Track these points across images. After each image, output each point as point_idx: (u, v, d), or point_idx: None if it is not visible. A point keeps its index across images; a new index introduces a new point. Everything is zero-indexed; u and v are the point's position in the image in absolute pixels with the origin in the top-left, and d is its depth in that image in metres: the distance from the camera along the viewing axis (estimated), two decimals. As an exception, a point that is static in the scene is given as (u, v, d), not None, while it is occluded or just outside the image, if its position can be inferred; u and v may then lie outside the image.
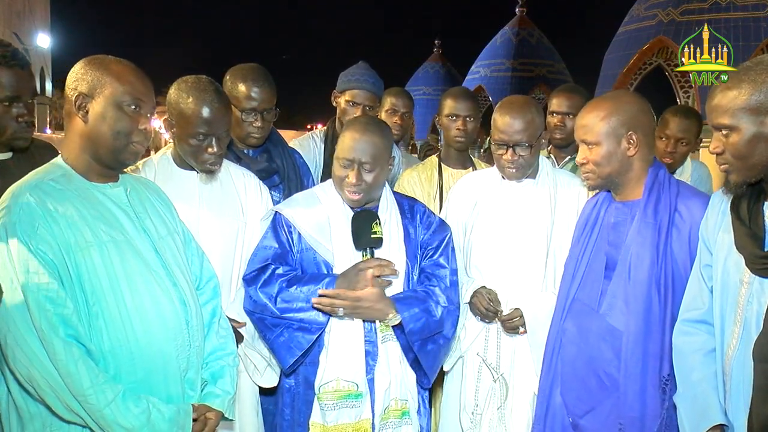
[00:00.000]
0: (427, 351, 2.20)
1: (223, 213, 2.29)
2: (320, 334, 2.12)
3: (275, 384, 2.31)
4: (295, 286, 2.11)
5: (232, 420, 1.92)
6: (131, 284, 1.66)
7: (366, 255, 2.12)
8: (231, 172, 2.38)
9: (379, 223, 2.14)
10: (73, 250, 1.59)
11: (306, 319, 2.09)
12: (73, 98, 1.66)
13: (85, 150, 1.69)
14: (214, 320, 1.93)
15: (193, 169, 2.27)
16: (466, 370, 2.46)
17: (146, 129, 1.72)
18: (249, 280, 2.16)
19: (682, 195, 2.04)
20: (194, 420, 1.76)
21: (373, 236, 2.11)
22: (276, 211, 2.25)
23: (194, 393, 1.79)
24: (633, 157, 2.06)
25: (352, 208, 2.21)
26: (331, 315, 2.09)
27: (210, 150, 2.17)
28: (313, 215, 2.20)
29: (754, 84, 1.63)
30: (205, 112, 2.14)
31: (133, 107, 1.69)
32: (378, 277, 2.07)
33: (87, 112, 1.66)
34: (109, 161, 1.73)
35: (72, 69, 1.71)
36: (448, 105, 3.01)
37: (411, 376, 2.19)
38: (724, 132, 1.69)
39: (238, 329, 2.23)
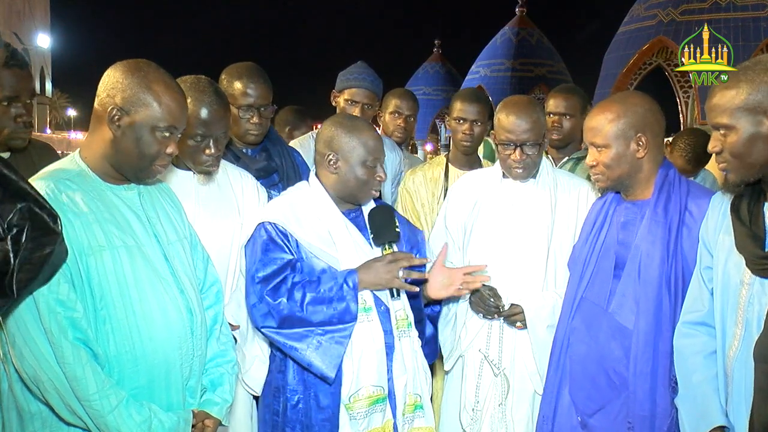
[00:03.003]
0: (429, 331, 2.28)
1: (220, 214, 2.28)
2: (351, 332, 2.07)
3: (258, 394, 2.26)
4: (318, 289, 2.05)
5: (226, 426, 1.90)
6: (140, 290, 1.64)
7: (387, 249, 2.10)
8: (228, 172, 2.37)
9: (396, 217, 2.16)
10: (85, 253, 1.58)
11: (338, 318, 2.02)
12: (109, 109, 1.62)
13: (108, 157, 1.68)
14: (216, 326, 1.91)
15: (190, 169, 2.25)
16: (466, 369, 2.45)
17: (172, 152, 1.71)
18: (270, 295, 2.05)
19: (693, 194, 2.03)
20: (192, 426, 1.75)
21: (396, 230, 2.12)
22: (264, 222, 2.13)
23: (194, 401, 1.78)
24: (642, 159, 2.05)
25: (342, 212, 2.17)
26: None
27: (208, 151, 2.15)
28: (306, 221, 2.14)
29: (752, 84, 1.63)
30: (204, 113, 2.12)
31: (166, 134, 1.67)
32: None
33: (119, 126, 1.64)
34: (129, 175, 1.73)
35: (111, 71, 1.65)
36: (457, 108, 3.00)
37: (421, 368, 2.18)
38: (722, 131, 1.69)
39: (232, 332, 2.21)
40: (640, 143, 2.03)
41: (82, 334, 1.55)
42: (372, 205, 2.25)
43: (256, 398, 2.35)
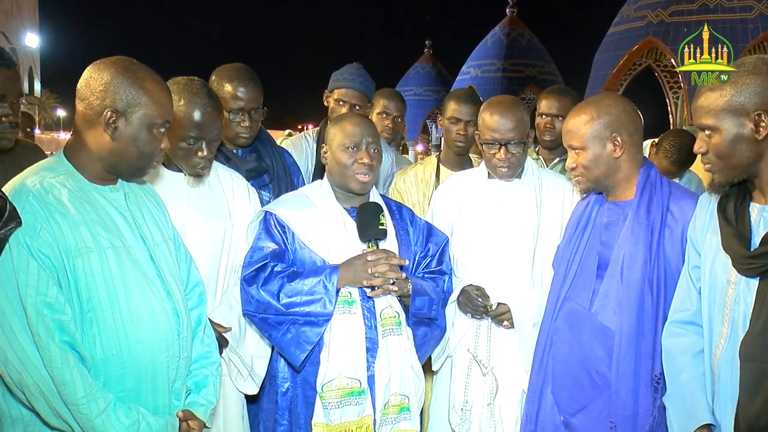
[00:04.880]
0: (418, 332, 2.25)
1: (211, 215, 2.28)
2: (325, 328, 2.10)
3: (256, 391, 2.29)
4: (296, 280, 2.10)
5: (209, 428, 1.90)
6: (127, 292, 1.64)
7: (371, 246, 2.13)
8: (219, 173, 2.37)
9: (384, 215, 2.17)
10: (72, 255, 1.57)
11: (312, 312, 2.08)
12: (104, 113, 1.61)
13: (101, 160, 1.66)
14: (199, 328, 1.90)
15: (180, 170, 2.25)
16: (455, 369, 2.46)
17: (165, 147, 1.72)
18: (248, 279, 2.13)
19: (675, 195, 2.05)
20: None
21: (380, 227, 2.14)
22: (267, 212, 2.23)
23: (179, 403, 1.78)
24: (620, 159, 2.07)
25: (346, 208, 2.23)
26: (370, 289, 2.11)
27: (200, 154, 2.15)
28: (307, 215, 2.20)
29: (735, 86, 1.65)
30: (197, 115, 2.12)
31: (162, 130, 1.68)
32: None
33: (116, 128, 1.63)
34: (126, 175, 1.73)
35: (95, 72, 1.63)
36: (451, 108, 3.00)
37: (412, 370, 2.20)
38: (707, 132, 1.71)
39: (223, 334, 2.21)
40: (617, 143, 2.05)
41: (70, 337, 1.54)
42: (380, 200, 2.28)
43: (246, 399, 2.36)
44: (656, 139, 3.85)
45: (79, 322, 1.58)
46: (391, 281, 2.10)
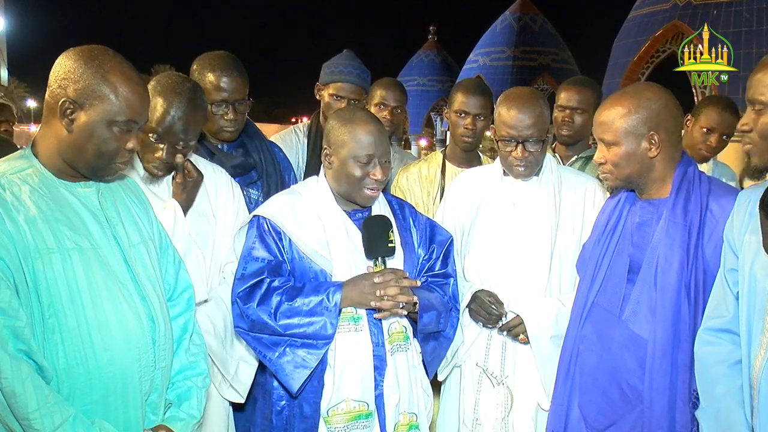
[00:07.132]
0: (427, 348, 2.26)
1: (192, 213, 2.27)
2: (326, 351, 2.10)
3: (242, 400, 2.29)
4: (296, 299, 2.07)
5: None
6: (94, 296, 1.61)
7: (379, 264, 2.11)
8: (200, 169, 2.35)
9: (393, 230, 2.15)
10: (32, 256, 1.55)
11: (311, 333, 2.06)
12: (60, 102, 1.60)
13: (61, 154, 1.65)
14: (185, 336, 1.89)
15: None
16: (464, 382, 2.47)
17: (133, 148, 1.69)
18: (243, 297, 2.11)
19: (715, 193, 2.02)
20: None
21: (389, 245, 2.12)
22: (260, 216, 2.19)
23: (156, 417, 1.75)
24: (655, 158, 2.05)
25: (347, 211, 2.20)
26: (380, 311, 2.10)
27: (158, 155, 2.16)
28: (304, 219, 2.17)
29: None
30: (168, 120, 2.12)
31: (125, 129, 1.65)
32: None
33: (72, 121, 1.61)
34: (86, 173, 1.70)
35: (62, 59, 1.63)
36: (458, 100, 2.99)
37: (420, 386, 2.20)
38: (757, 108, 1.70)
39: (207, 338, 2.20)
40: (653, 141, 2.03)
41: (25, 345, 1.51)
42: (382, 206, 2.26)
43: (233, 408, 2.36)
44: (688, 116, 3.64)
45: (40, 329, 1.56)
46: (401, 305, 2.08)
